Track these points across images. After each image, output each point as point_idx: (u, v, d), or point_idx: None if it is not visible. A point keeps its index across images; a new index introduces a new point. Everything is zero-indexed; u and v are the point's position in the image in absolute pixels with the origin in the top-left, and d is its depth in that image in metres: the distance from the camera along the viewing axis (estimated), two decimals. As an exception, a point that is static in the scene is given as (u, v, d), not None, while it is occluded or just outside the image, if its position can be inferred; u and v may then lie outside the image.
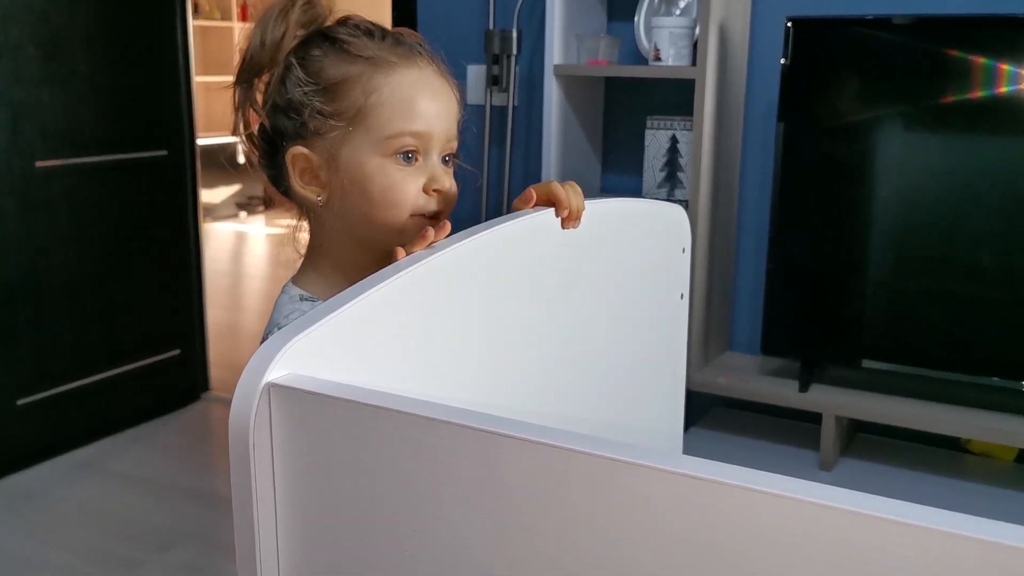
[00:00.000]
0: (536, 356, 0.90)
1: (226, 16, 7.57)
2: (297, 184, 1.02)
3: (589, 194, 1.00)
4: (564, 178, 2.54)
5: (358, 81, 0.99)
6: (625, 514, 0.55)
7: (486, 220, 0.86)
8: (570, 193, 0.95)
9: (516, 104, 2.83)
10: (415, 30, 3.04)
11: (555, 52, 2.49)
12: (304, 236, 1.10)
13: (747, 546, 0.53)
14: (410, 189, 1.00)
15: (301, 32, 1.03)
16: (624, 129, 2.72)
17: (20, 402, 2.94)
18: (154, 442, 3.18)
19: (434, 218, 1.02)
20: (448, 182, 1.02)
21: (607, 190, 2.75)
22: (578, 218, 0.96)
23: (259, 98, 1.05)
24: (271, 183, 1.08)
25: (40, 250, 2.94)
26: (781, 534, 0.52)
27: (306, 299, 1.03)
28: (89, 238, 3.09)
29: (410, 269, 0.73)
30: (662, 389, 1.22)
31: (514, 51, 2.74)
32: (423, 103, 1.00)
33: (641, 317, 1.13)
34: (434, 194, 1.01)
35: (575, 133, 2.62)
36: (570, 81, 2.55)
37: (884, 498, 0.50)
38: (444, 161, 1.04)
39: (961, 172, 2.12)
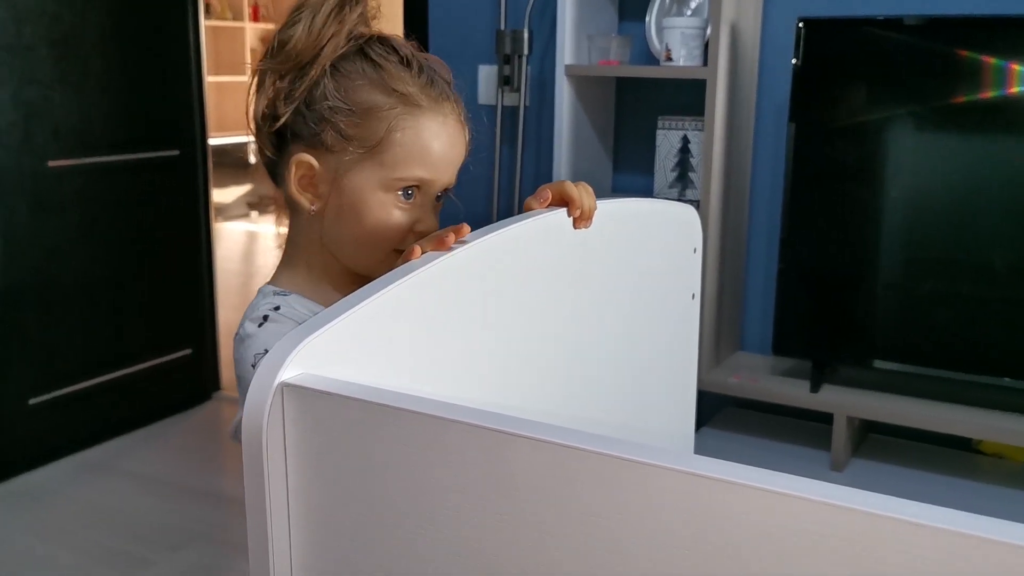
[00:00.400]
0: (547, 356, 0.91)
1: (238, 16, 7.59)
2: (294, 187, 1.03)
3: (600, 194, 1.00)
4: (576, 178, 2.54)
5: (385, 115, 1.00)
6: (637, 514, 0.55)
7: (498, 220, 0.86)
8: (583, 193, 0.95)
9: (527, 104, 2.83)
10: (427, 30, 3.04)
11: (566, 52, 2.49)
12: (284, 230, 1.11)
13: (759, 546, 0.53)
14: (400, 227, 1.01)
15: (349, 41, 1.02)
16: (635, 129, 2.72)
17: (31, 402, 2.95)
18: (164, 442, 3.19)
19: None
20: (432, 222, 1.04)
21: (618, 190, 2.75)
22: (590, 218, 0.96)
23: (277, 84, 1.03)
24: (267, 168, 1.08)
25: (51, 250, 2.95)
26: (794, 534, 0.52)
27: (278, 293, 1.04)
28: (100, 238, 3.10)
29: (423, 269, 0.73)
30: (674, 389, 1.22)
31: (525, 51, 2.74)
32: (439, 152, 1.02)
33: (653, 317, 1.13)
34: (412, 235, 1.02)
35: (586, 133, 2.61)
36: (581, 81, 2.55)
37: (898, 499, 0.50)
38: (437, 198, 1.06)
39: (972, 173, 2.12)
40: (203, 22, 3.40)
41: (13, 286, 2.84)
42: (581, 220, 0.95)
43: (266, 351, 0.99)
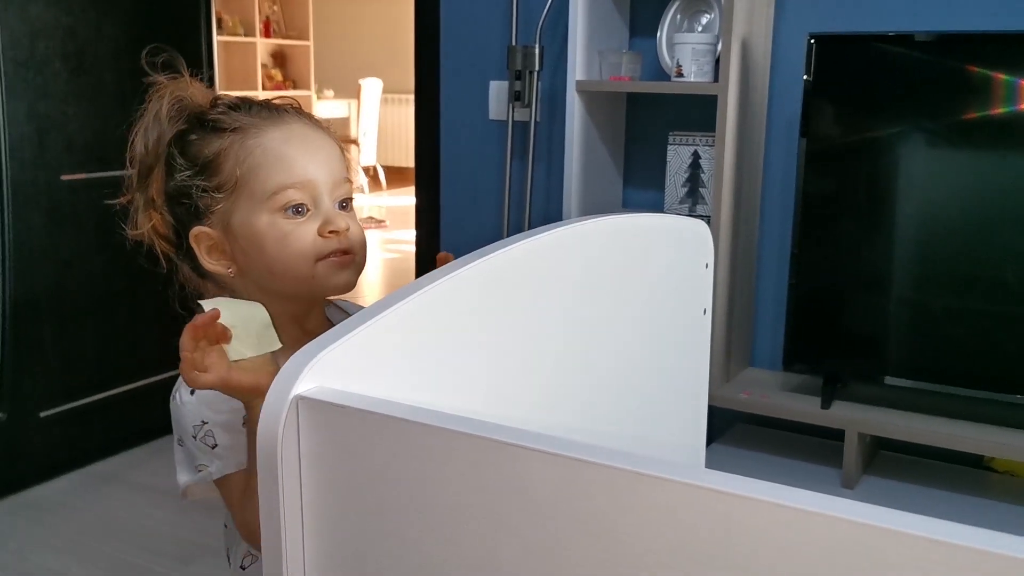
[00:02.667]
0: (559, 370, 0.91)
1: (249, 32, 7.64)
2: (206, 262, 1.06)
3: (610, 209, 1.00)
4: (586, 194, 2.55)
5: (230, 151, 1.03)
6: (650, 528, 0.56)
7: (508, 235, 0.87)
8: None
9: (538, 120, 2.84)
10: (438, 47, 3.08)
11: (577, 68, 2.50)
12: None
13: (773, 562, 0.53)
14: (306, 236, 1.02)
15: (176, 126, 1.08)
16: (646, 145, 2.73)
17: (44, 414, 2.96)
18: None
19: (346, 254, 1.05)
20: (344, 223, 1.04)
21: (628, 205, 2.76)
22: None
23: (157, 199, 1.09)
24: (194, 273, 1.12)
25: (65, 263, 2.97)
26: (808, 550, 0.52)
27: None
28: (113, 251, 3.11)
29: (436, 283, 0.73)
30: (685, 405, 1.22)
31: (536, 67, 2.75)
32: (296, 155, 1.04)
33: (664, 332, 1.13)
34: (331, 235, 1.03)
35: (597, 149, 2.62)
36: (592, 97, 2.56)
37: (913, 514, 0.50)
38: (342, 206, 1.07)
39: (983, 188, 2.12)
40: (215, 38, 3.42)
41: (26, 299, 2.86)
42: None
43: (203, 422, 1.03)
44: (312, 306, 1.09)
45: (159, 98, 1.10)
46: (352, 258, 1.06)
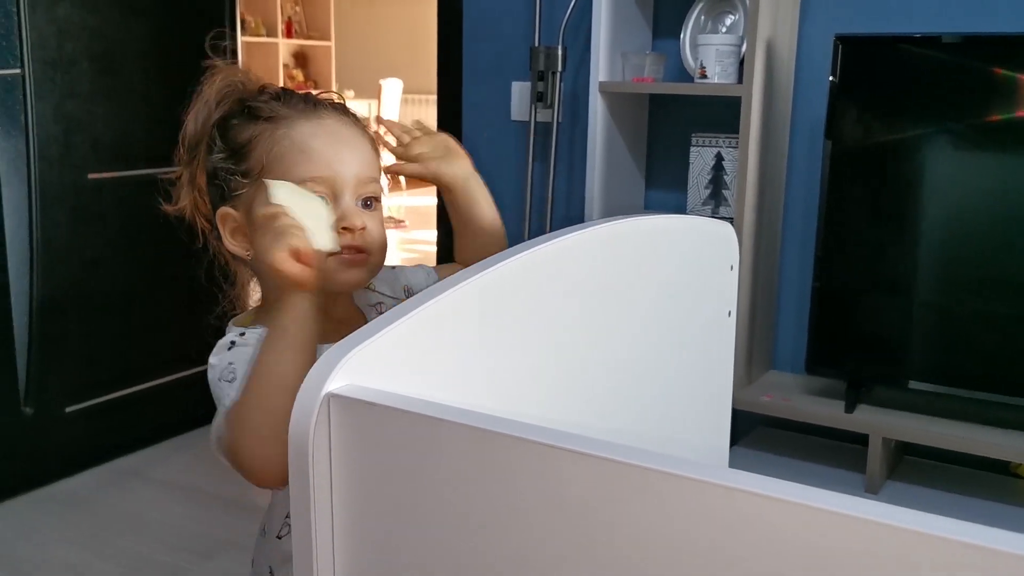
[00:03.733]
0: (584, 371, 0.91)
1: (271, 32, 7.67)
2: (228, 243, 1.09)
3: (633, 211, 1.01)
4: (608, 197, 2.55)
5: (260, 139, 1.05)
6: (680, 528, 0.56)
7: (529, 236, 0.87)
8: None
9: (560, 121, 2.84)
10: (461, 47, 3.10)
11: (600, 69, 2.50)
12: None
13: (799, 563, 0.53)
14: None
15: (222, 109, 1.11)
16: (669, 146, 2.72)
17: (68, 409, 2.98)
18: (198, 451, 3.22)
19: (360, 253, 1.06)
20: (361, 221, 1.05)
21: (651, 207, 2.75)
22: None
23: (199, 178, 1.14)
24: (221, 249, 1.14)
25: (90, 261, 2.99)
26: (834, 551, 0.52)
27: (243, 329, 1.08)
28: (138, 250, 3.14)
29: (465, 284, 0.73)
30: (709, 406, 1.21)
31: (559, 68, 2.75)
32: (321, 149, 1.05)
33: (689, 334, 1.13)
34: (344, 232, 1.04)
35: (619, 150, 2.62)
36: (615, 98, 2.56)
37: (938, 516, 0.50)
38: (366, 205, 1.08)
39: (1009, 191, 2.10)
40: (239, 38, 3.44)
41: (52, 296, 2.88)
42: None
43: (230, 363, 1.03)
44: (332, 296, 1.09)
45: (212, 81, 1.13)
46: (364, 257, 1.06)
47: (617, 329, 0.96)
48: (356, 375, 0.63)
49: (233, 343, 1.05)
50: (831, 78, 2.22)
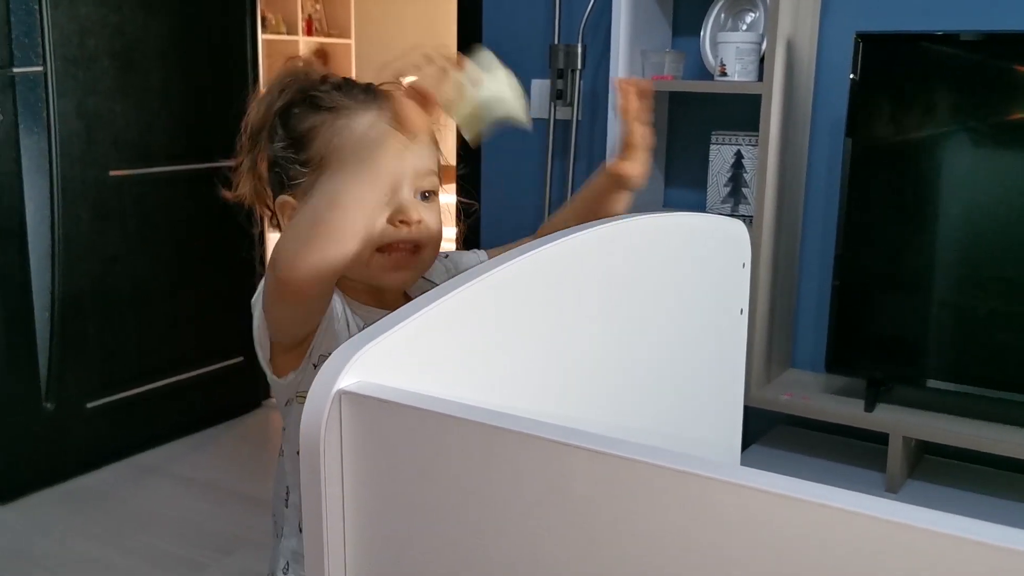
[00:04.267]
0: (596, 368, 0.91)
1: (292, 30, 7.69)
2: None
3: (652, 209, 1.01)
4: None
5: (321, 129, 1.06)
6: (691, 525, 0.55)
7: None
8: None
9: (580, 118, 2.83)
10: (480, 45, 3.10)
11: (620, 67, 2.50)
12: None
13: (815, 562, 0.53)
14: (378, 223, 1.04)
15: (285, 97, 1.11)
16: (688, 144, 2.71)
17: (89, 405, 3.00)
18: (216, 447, 3.23)
19: (414, 251, 1.06)
20: (418, 214, 1.06)
21: (670, 205, 2.74)
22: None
23: (260, 165, 1.14)
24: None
25: (111, 257, 3.01)
26: (850, 551, 0.52)
27: None
28: (158, 247, 3.16)
29: (478, 280, 0.73)
30: (720, 404, 1.21)
31: (579, 66, 2.75)
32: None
33: (701, 332, 1.12)
34: (401, 225, 1.04)
35: (639, 148, 2.61)
36: (634, 96, 2.54)
37: (956, 516, 0.50)
38: (424, 198, 1.08)
39: (1034, 190, 2.08)
40: (260, 36, 3.45)
41: (73, 292, 2.90)
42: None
43: None
44: (372, 293, 1.10)
45: (279, 70, 1.14)
46: (414, 259, 1.07)
47: (629, 326, 0.96)
48: (368, 372, 0.64)
49: None
50: (851, 76, 2.21)
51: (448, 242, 1.16)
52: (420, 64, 0.89)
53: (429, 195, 1.09)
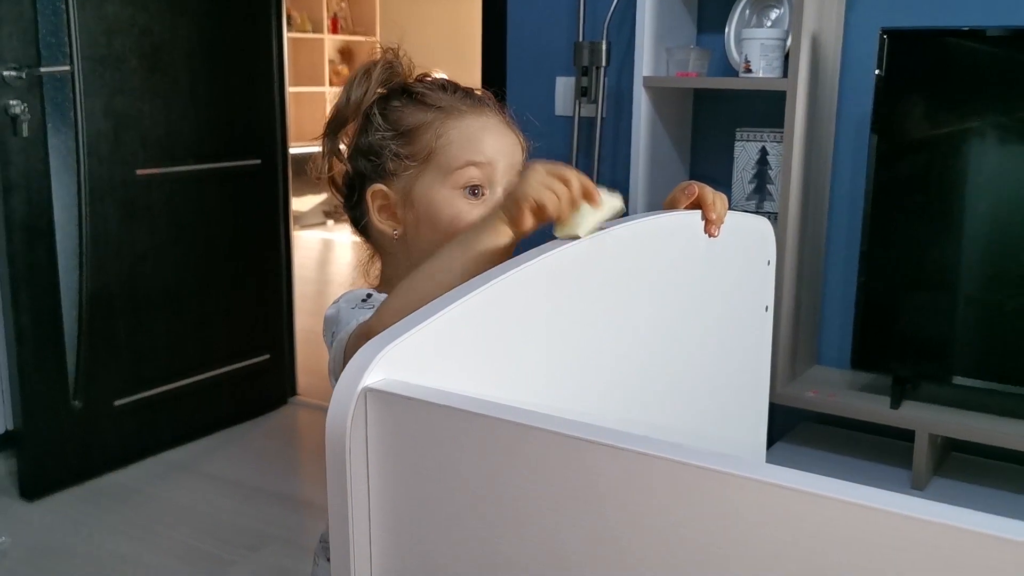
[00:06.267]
0: (621, 365, 0.91)
1: (317, 29, 7.72)
2: (376, 219, 1.13)
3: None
4: (652, 192, 2.54)
5: (431, 126, 1.10)
6: (715, 523, 0.56)
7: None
8: (717, 200, 1.04)
9: (604, 116, 2.83)
10: (504, 42, 3.08)
11: (644, 64, 2.49)
12: (376, 270, 1.21)
13: (839, 560, 0.53)
14: (475, 218, 1.06)
15: (381, 90, 1.15)
16: (713, 141, 2.71)
17: (117, 403, 3.03)
18: (244, 445, 3.26)
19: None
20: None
21: (694, 202, 2.73)
22: (719, 225, 1.03)
23: (343, 149, 1.17)
24: (352, 224, 1.19)
25: (139, 256, 3.04)
26: (875, 548, 0.52)
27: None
28: (185, 245, 3.18)
29: (503, 278, 0.74)
30: (746, 401, 1.21)
31: (603, 63, 2.75)
32: (487, 140, 1.11)
33: (726, 329, 1.12)
34: None
35: (663, 145, 2.61)
36: (659, 93, 2.54)
37: (982, 513, 0.49)
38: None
39: (1062, 186, 2.06)
40: (285, 35, 3.47)
41: (102, 291, 2.93)
42: (712, 225, 1.03)
43: (353, 308, 1.04)
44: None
45: (374, 61, 1.17)
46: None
47: (653, 324, 0.96)
48: (393, 370, 0.64)
49: (369, 295, 1.09)
50: (877, 72, 2.20)
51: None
52: (552, 187, 0.89)
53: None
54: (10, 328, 2.75)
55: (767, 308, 1.21)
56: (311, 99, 7.52)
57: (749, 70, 2.38)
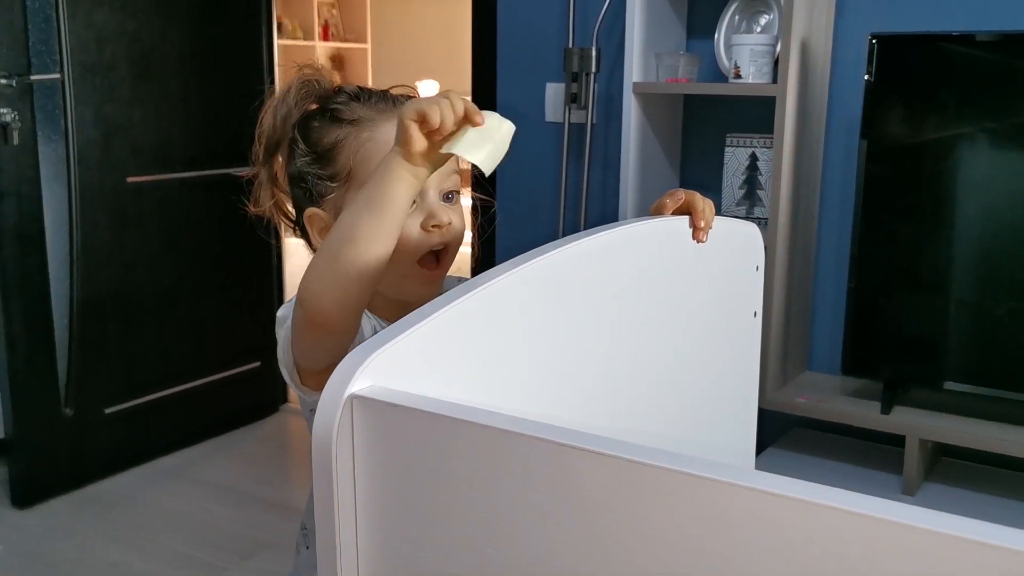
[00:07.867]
0: (609, 371, 0.91)
1: (308, 35, 7.72)
2: (317, 242, 1.10)
3: (667, 212, 1.01)
4: (642, 198, 2.54)
5: (346, 143, 1.08)
6: (701, 529, 0.56)
7: (563, 237, 0.87)
8: (706, 207, 1.03)
9: (595, 122, 2.83)
10: (495, 49, 3.09)
11: (634, 70, 2.50)
12: None
13: (828, 566, 0.53)
14: (409, 231, 1.04)
15: (302, 108, 1.12)
16: (703, 146, 2.71)
17: (108, 410, 3.02)
18: (235, 452, 3.25)
19: (441, 253, 1.08)
20: (447, 217, 1.07)
21: (685, 207, 2.73)
22: (707, 231, 1.03)
23: (280, 177, 1.15)
24: (309, 248, 1.15)
25: (129, 264, 3.03)
26: (864, 555, 0.52)
27: None
28: (176, 252, 3.17)
29: (489, 284, 0.74)
30: (735, 407, 1.21)
31: (593, 69, 2.75)
32: None
33: (714, 335, 1.12)
34: (433, 230, 1.06)
35: (654, 151, 2.61)
36: (649, 99, 2.55)
37: (972, 520, 0.49)
38: (447, 199, 1.09)
39: (1051, 191, 2.07)
40: (276, 41, 3.47)
41: (93, 298, 2.92)
42: (701, 231, 1.02)
43: None
44: (400, 307, 1.10)
45: (289, 81, 1.15)
46: (441, 274, 1.09)
47: (642, 329, 0.96)
48: (379, 376, 0.64)
49: None
50: (866, 77, 2.20)
51: (463, 245, 1.16)
52: (436, 102, 0.90)
53: (453, 195, 1.10)
54: (1, 336, 2.74)
55: (756, 313, 1.21)
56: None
57: (739, 76, 2.38)
